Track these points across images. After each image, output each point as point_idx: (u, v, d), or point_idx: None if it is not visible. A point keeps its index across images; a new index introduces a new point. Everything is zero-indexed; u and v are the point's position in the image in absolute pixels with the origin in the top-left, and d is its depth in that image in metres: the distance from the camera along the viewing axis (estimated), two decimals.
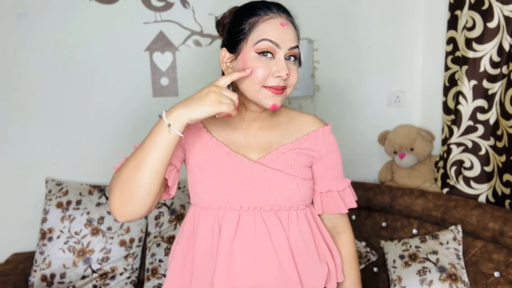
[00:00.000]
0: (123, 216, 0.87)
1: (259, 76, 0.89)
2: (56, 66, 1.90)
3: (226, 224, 0.94)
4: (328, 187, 1.05)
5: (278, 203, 0.95)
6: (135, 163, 0.85)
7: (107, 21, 1.90)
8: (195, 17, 1.95)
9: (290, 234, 0.96)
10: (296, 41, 0.92)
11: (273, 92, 0.90)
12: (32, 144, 1.93)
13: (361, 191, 1.93)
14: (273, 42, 0.89)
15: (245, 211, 0.94)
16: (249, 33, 0.90)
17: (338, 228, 1.10)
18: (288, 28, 0.91)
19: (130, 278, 1.82)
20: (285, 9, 0.94)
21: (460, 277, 1.56)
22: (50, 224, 1.83)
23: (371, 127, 2.17)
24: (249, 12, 0.92)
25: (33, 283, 1.77)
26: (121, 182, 0.86)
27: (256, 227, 0.94)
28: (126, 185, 0.85)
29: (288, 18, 0.93)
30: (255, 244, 0.93)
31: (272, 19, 0.90)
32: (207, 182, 0.95)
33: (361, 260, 1.82)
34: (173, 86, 1.99)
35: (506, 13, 1.58)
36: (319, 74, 2.09)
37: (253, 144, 0.99)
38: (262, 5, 0.92)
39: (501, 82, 1.65)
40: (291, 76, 0.92)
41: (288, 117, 1.04)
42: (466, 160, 1.80)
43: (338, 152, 1.07)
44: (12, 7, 1.83)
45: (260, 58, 0.89)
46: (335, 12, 2.04)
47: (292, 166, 0.98)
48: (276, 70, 0.89)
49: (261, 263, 0.93)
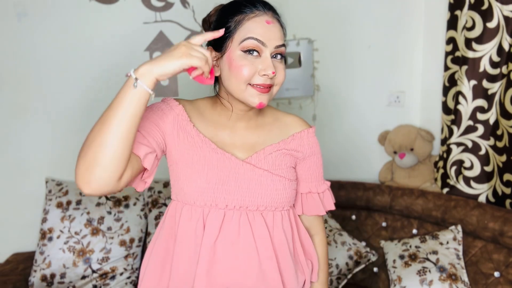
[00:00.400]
0: (89, 184, 0.79)
1: (245, 74, 0.88)
2: (56, 66, 1.90)
3: (210, 223, 0.92)
4: (309, 189, 1.05)
5: (264, 203, 0.95)
6: (101, 124, 0.79)
7: (107, 21, 1.90)
8: (195, 17, 1.95)
9: (274, 234, 0.96)
10: (282, 39, 0.91)
11: (259, 90, 0.89)
12: (32, 144, 1.93)
13: (361, 191, 1.93)
14: (258, 41, 0.88)
15: (230, 210, 0.93)
16: (235, 31, 0.89)
17: (313, 230, 1.11)
18: (274, 26, 0.90)
19: (130, 278, 1.82)
20: (271, 7, 0.93)
21: (460, 277, 1.56)
22: (50, 224, 1.83)
23: (371, 127, 2.17)
24: (234, 10, 0.91)
25: (33, 283, 1.77)
26: (86, 146, 0.79)
27: (241, 227, 0.93)
28: (90, 148, 0.78)
29: (274, 16, 0.92)
30: (238, 243, 0.93)
31: (257, 17, 0.89)
32: (193, 179, 0.93)
33: (361, 260, 1.82)
34: (173, 86, 1.99)
35: (506, 13, 1.58)
36: (319, 74, 2.09)
37: (239, 144, 0.98)
38: (247, 2, 0.91)
39: (501, 82, 1.65)
40: (278, 74, 0.91)
41: (273, 117, 1.04)
42: (466, 160, 1.80)
43: (320, 154, 1.07)
44: (12, 7, 1.83)
45: (246, 57, 0.88)
46: (335, 12, 2.04)
47: (279, 167, 0.98)
48: (262, 68, 0.88)
49: (243, 263, 0.93)
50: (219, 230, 0.92)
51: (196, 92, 2.00)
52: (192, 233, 0.93)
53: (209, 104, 1.01)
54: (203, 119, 0.98)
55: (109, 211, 1.86)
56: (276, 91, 0.93)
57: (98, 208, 1.86)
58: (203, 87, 2.21)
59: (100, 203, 1.87)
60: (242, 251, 0.93)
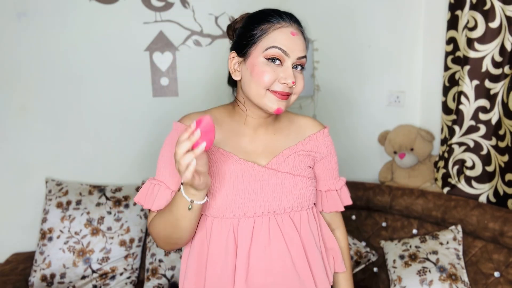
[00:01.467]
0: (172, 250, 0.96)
1: (265, 80, 0.91)
2: (56, 66, 1.90)
3: (242, 232, 0.95)
4: (328, 186, 1.10)
5: (290, 205, 0.98)
6: (171, 230, 0.93)
7: (107, 21, 1.90)
8: (195, 17, 1.95)
9: (302, 233, 1.00)
10: (304, 51, 0.95)
11: (278, 97, 0.92)
12: (32, 144, 1.93)
13: (361, 191, 1.93)
14: (282, 50, 0.91)
15: (259, 217, 0.96)
16: (260, 39, 0.93)
17: (333, 225, 1.15)
18: (298, 38, 0.93)
19: (130, 278, 1.82)
20: (296, 20, 0.97)
21: (460, 277, 1.56)
22: (50, 224, 1.82)
23: (371, 127, 2.17)
24: (261, 18, 0.95)
25: (33, 283, 1.77)
26: (163, 240, 0.96)
27: (271, 231, 0.96)
28: (168, 241, 0.95)
29: (298, 28, 0.95)
30: (270, 247, 0.96)
31: (283, 27, 0.93)
32: (221, 193, 0.95)
33: (361, 260, 1.82)
34: (173, 86, 1.99)
35: (508, 13, 1.58)
36: (319, 74, 2.08)
37: (260, 150, 1.00)
38: (275, 13, 0.95)
39: (503, 82, 1.65)
40: (297, 84, 0.95)
41: (288, 120, 1.07)
42: (467, 160, 1.80)
43: (335, 152, 1.12)
44: (12, 7, 1.83)
45: (268, 64, 0.92)
46: (335, 12, 2.04)
47: (298, 168, 1.01)
48: (283, 76, 0.91)
49: (277, 265, 0.96)
50: (251, 238, 0.95)
51: (196, 92, 2.01)
52: (223, 244, 0.96)
53: (225, 113, 1.03)
54: (221, 130, 1.00)
55: (109, 211, 1.86)
56: (293, 100, 0.97)
57: (98, 208, 1.86)
58: (203, 87, 2.21)
59: (100, 203, 1.87)
60: (275, 254, 0.96)
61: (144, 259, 1.89)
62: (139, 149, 2.01)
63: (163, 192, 0.97)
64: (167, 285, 1.76)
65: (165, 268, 1.78)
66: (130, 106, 1.98)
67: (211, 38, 1.98)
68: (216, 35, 1.97)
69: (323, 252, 1.06)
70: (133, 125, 1.99)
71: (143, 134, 2.01)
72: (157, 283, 1.76)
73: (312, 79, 2.08)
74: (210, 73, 1.99)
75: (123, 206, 1.88)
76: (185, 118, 1.00)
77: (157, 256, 1.80)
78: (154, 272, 1.78)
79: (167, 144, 0.99)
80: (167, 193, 0.97)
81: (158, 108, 1.99)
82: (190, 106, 1.99)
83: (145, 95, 1.98)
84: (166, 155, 0.98)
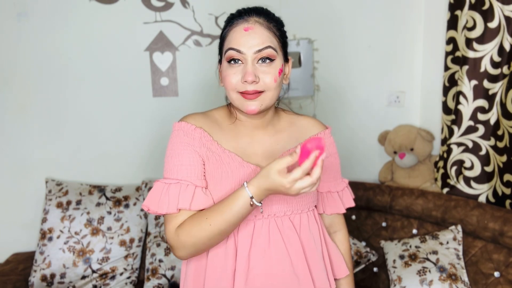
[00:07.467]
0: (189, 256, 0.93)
1: (229, 83, 0.92)
2: (56, 65, 1.90)
3: (241, 235, 0.95)
4: (328, 188, 1.08)
5: (290, 207, 0.97)
6: (220, 232, 0.89)
7: (107, 21, 1.90)
8: (195, 17, 1.95)
9: (302, 236, 0.98)
10: (265, 42, 0.90)
11: (245, 97, 0.91)
12: (32, 144, 1.93)
13: (361, 191, 1.93)
14: (235, 49, 0.90)
15: (259, 220, 0.95)
16: (223, 44, 0.95)
17: (335, 227, 1.13)
18: (254, 32, 0.90)
19: (130, 278, 1.82)
20: (255, 11, 0.93)
21: (460, 277, 1.56)
22: (50, 224, 1.82)
23: (371, 127, 2.17)
24: (225, 23, 0.96)
25: (33, 283, 1.77)
26: (199, 244, 0.90)
27: (271, 234, 0.95)
28: (203, 245, 0.90)
29: (256, 21, 0.91)
30: (270, 250, 0.95)
31: (237, 26, 0.92)
32: (222, 195, 0.94)
33: (361, 260, 1.82)
34: (173, 86, 1.99)
35: (507, 13, 1.58)
36: (319, 74, 2.09)
37: (260, 152, 0.99)
38: (235, 13, 0.94)
39: (502, 82, 1.65)
40: (264, 79, 0.91)
41: (289, 121, 1.05)
42: (466, 160, 1.80)
43: (337, 153, 1.09)
44: (12, 7, 1.83)
45: (230, 66, 0.92)
46: (335, 12, 2.04)
47: None
48: (242, 75, 0.90)
49: (276, 268, 0.95)
50: (251, 241, 0.95)
51: (196, 92, 2.01)
52: (223, 248, 0.95)
53: (225, 114, 1.02)
54: (222, 131, 0.99)
55: (109, 211, 1.86)
56: (272, 96, 0.93)
57: (98, 208, 1.86)
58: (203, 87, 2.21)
59: (100, 203, 1.87)
60: (275, 257, 0.95)
61: (144, 259, 1.89)
62: (139, 149, 2.01)
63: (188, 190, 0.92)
64: (167, 285, 1.77)
65: (165, 268, 1.78)
66: (130, 106, 1.98)
67: (211, 38, 1.98)
68: (216, 35, 1.97)
69: (325, 255, 1.05)
70: (133, 125, 1.99)
71: (143, 134, 2.01)
72: (157, 283, 1.76)
73: (312, 79, 2.08)
74: (210, 73, 1.99)
75: (123, 206, 1.88)
76: (186, 119, 1.00)
77: (157, 256, 1.80)
78: (154, 272, 1.78)
79: (177, 143, 0.95)
80: (191, 189, 0.92)
81: (158, 108, 1.99)
82: (190, 106, 2.01)
83: (145, 95, 1.98)
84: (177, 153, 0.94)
